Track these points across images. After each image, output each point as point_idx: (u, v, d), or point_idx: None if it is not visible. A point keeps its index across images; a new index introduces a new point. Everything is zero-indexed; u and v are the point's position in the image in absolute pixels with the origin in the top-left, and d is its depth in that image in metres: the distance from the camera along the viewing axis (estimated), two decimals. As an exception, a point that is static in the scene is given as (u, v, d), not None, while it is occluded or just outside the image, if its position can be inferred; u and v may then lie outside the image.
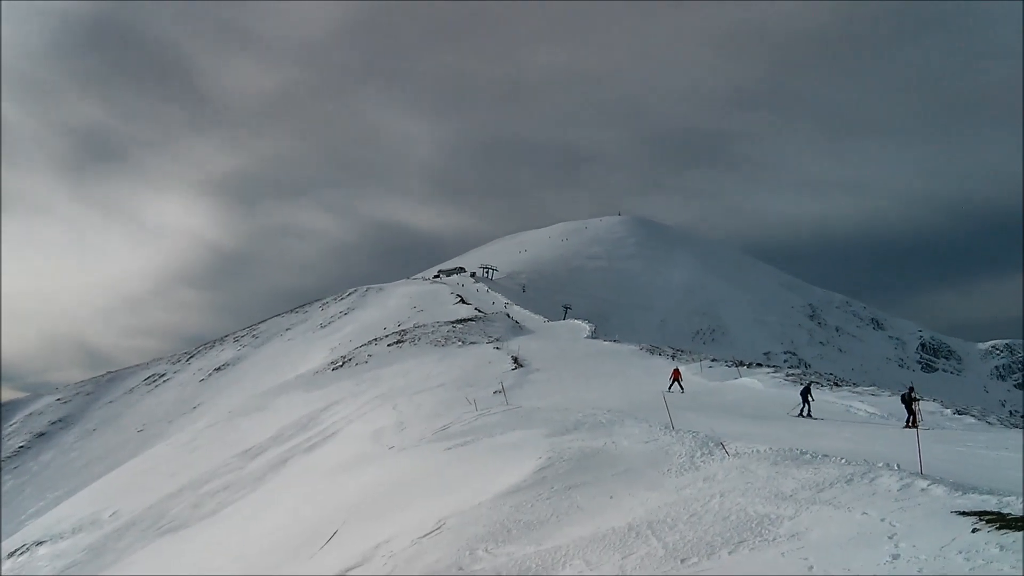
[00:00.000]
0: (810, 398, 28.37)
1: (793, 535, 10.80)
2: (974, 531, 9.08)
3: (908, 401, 25.96)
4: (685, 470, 16.45)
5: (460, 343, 67.19)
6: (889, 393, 34.69)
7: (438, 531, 15.84)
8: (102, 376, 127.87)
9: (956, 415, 29.20)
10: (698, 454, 17.56)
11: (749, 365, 50.19)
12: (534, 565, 12.28)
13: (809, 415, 27.63)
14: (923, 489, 11.55)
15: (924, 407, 29.24)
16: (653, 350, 58.21)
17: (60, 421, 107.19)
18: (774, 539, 10.85)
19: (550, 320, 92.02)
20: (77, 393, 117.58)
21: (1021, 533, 8.55)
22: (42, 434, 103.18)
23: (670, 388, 35.19)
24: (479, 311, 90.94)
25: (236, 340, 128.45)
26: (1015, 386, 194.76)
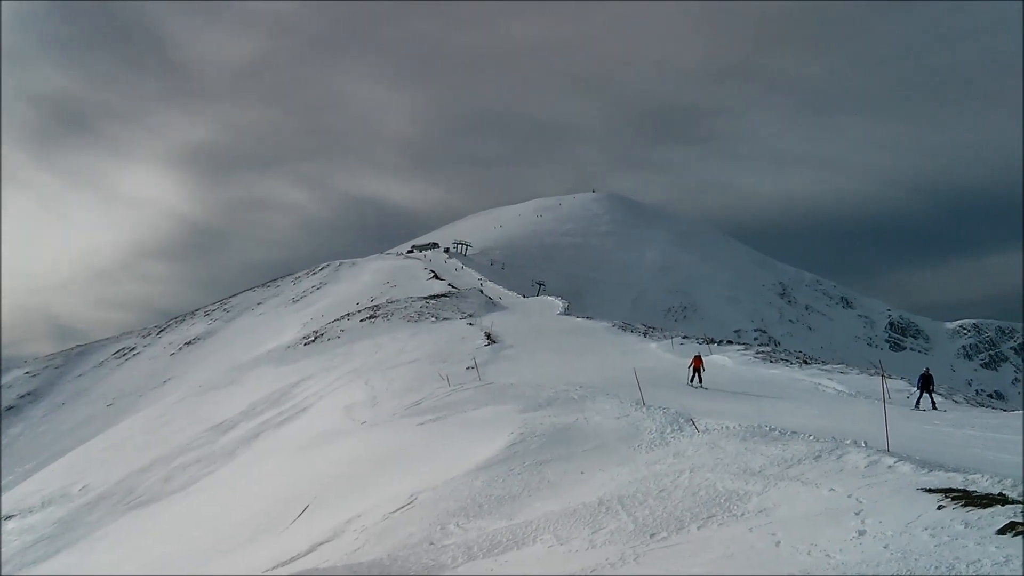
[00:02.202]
0: (932, 388, 24.76)
1: (761, 510, 10.90)
2: (940, 508, 9.20)
3: None
4: (655, 446, 16.57)
5: (433, 319, 67.06)
6: (857, 371, 35.03)
7: (410, 506, 15.86)
8: (71, 349, 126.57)
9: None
10: (668, 430, 17.69)
11: (720, 342, 50.47)
12: (505, 539, 12.33)
13: (933, 407, 24.15)
14: (890, 466, 11.68)
15: (891, 385, 29.51)
16: (626, 327, 58.38)
17: (29, 395, 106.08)
18: (742, 514, 10.95)
19: (524, 296, 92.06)
20: (46, 366, 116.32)
21: (986, 510, 8.68)
22: (11, 408, 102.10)
23: (691, 380, 29.99)
24: (453, 287, 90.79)
25: (207, 314, 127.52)
26: (982, 365, 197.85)
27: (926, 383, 24.47)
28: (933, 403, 24.25)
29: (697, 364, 30.32)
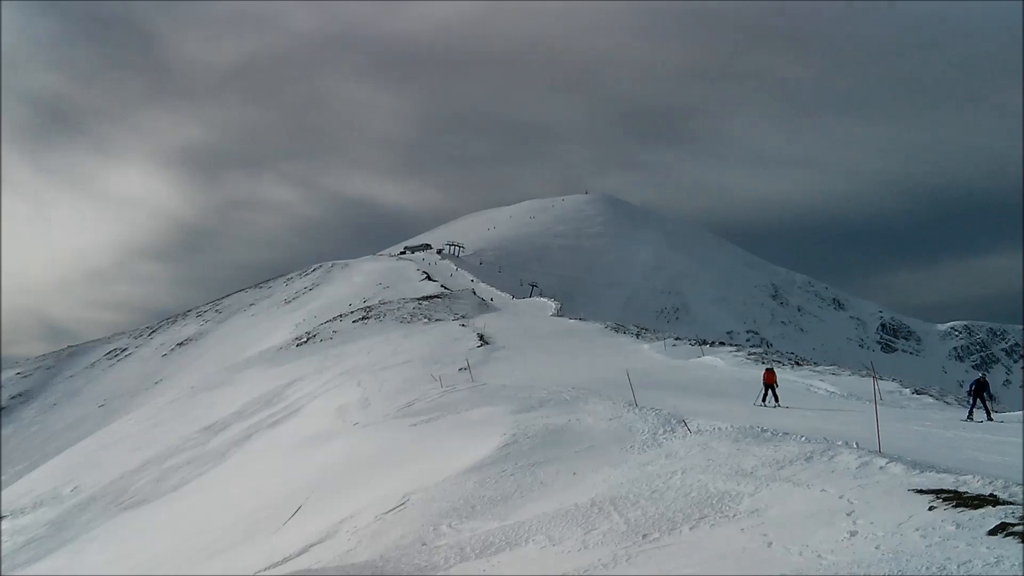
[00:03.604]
0: (986, 396, 21.52)
1: (753, 511, 10.92)
2: (931, 509, 9.23)
3: None
4: (648, 447, 16.58)
5: (426, 320, 67.04)
6: (849, 372, 35.10)
7: (402, 507, 15.86)
8: (63, 350, 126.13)
9: (915, 395, 29.61)
10: (661, 431, 17.72)
11: (712, 344, 50.54)
12: (497, 540, 12.33)
13: (988, 418, 21.02)
14: (881, 467, 11.71)
15: (882, 386, 29.52)
16: (618, 328, 58.45)
17: (20, 395, 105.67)
18: (734, 515, 10.97)
19: (516, 297, 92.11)
20: (38, 367, 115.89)
21: (977, 511, 8.71)
22: (2, 408, 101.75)
23: (764, 399, 24.97)
24: (445, 288, 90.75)
25: (199, 315, 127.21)
26: (973, 367, 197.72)
27: (980, 390, 21.40)
28: (988, 413, 21.27)
29: (770, 379, 25.33)
